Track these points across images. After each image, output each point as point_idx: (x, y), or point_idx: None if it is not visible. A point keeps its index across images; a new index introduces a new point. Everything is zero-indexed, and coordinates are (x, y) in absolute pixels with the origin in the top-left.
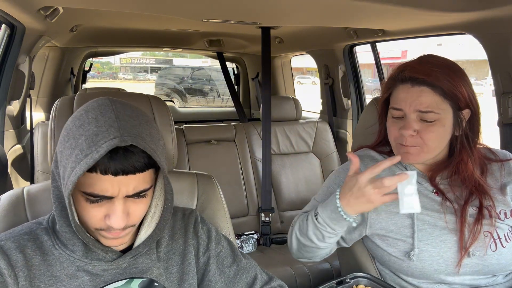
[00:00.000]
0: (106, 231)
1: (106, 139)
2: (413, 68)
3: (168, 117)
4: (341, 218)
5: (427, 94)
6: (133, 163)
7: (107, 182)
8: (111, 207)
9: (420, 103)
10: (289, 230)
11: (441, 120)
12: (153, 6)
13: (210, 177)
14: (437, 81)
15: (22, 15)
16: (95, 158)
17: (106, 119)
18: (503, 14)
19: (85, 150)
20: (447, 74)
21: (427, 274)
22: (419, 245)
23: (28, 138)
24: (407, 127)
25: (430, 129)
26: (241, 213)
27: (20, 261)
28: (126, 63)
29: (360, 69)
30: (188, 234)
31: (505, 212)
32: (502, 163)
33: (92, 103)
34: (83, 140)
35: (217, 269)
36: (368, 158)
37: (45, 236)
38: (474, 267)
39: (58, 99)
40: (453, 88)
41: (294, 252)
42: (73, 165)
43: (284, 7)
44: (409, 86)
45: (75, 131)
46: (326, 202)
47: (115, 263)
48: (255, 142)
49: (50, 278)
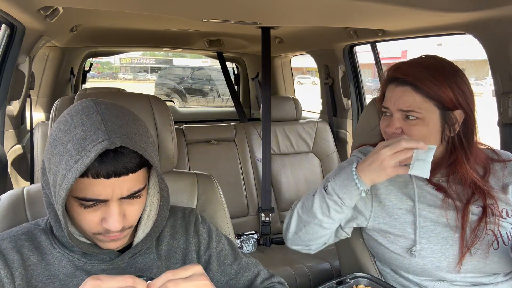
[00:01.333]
0: (103, 235)
1: (94, 142)
2: (398, 69)
3: (168, 117)
4: (352, 184)
5: (409, 94)
6: (125, 164)
7: (100, 186)
8: (106, 211)
9: (403, 102)
10: (287, 214)
11: (424, 120)
12: (153, 6)
13: (210, 177)
14: (418, 82)
15: (22, 15)
16: (86, 163)
17: (92, 122)
18: (503, 14)
19: (75, 156)
20: (431, 75)
21: (428, 271)
22: (421, 241)
23: (28, 138)
24: (390, 125)
25: (413, 128)
26: (241, 213)
27: (16, 261)
28: (126, 63)
29: (360, 69)
30: (189, 233)
31: (507, 210)
32: (505, 164)
33: (76, 106)
34: (71, 146)
35: (218, 267)
36: None
37: (43, 236)
38: (475, 265)
39: (58, 99)
40: (437, 89)
41: (290, 236)
42: (64, 172)
43: (284, 7)
44: (394, 86)
45: (62, 137)
46: (340, 174)
47: (113, 263)
48: (255, 142)
49: (48, 277)
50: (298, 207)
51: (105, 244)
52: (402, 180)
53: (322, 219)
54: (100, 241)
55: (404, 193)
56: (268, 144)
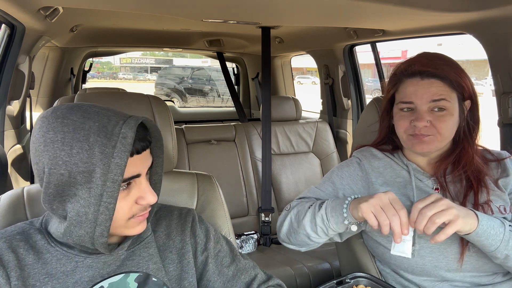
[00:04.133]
0: (134, 218)
1: (119, 124)
2: (421, 63)
3: (168, 117)
4: (340, 212)
5: (438, 84)
6: (146, 137)
7: (138, 161)
8: (139, 188)
9: (432, 93)
10: (282, 213)
11: (450, 109)
12: (153, 6)
13: (210, 177)
14: (445, 73)
15: (22, 15)
16: (129, 142)
17: (95, 111)
18: (503, 14)
19: (107, 143)
20: (452, 67)
21: (427, 271)
22: (420, 241)
23: (28, 138)
24: (420, 119)
25: (442, 119)
26: (241, 213)
27: (12, 261)
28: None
29: (360, 69)
30: (186, 233)
31: (504, 207)
32: (498, 162)
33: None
34: (96, 137)
35: (215, 268)
36: (370, 155)
37: (38, 235)
38: (474, 264)
39: (58, 99)
40: (460, 79)
41: (281, 235)
42: (106, 160)
43: (284, 7)
44: (419, 79)
45: (72, 136)
46: (338, 198)
47: (113, 254)
48: (255, 142)
49: (46, 276)
50: (292, 214)
51: (136, 229)
52: (401, 180)
53: (310, 233)
54: (130, 228)
55: (403, 194)
56: (268, 144)
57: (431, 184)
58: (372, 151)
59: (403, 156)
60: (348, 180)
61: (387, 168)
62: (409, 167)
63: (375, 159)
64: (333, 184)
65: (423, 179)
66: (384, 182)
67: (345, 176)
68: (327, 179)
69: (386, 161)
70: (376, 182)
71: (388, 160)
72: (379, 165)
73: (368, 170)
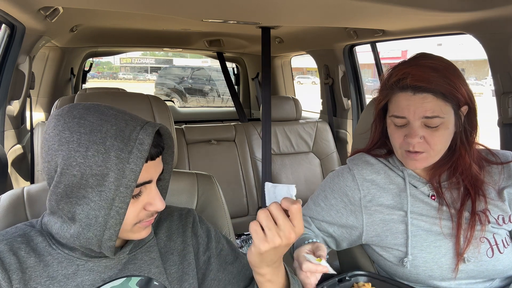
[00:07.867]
0: (140, 223)
1: (137, 129)
2: (413, 76)
3: (168, 117)
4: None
5: (430, 100)
6: (159, 143)
7: (151, 168)
8: (149, 194)
9: (425, 110)
10: None
11: (445, 123)
12: (153, 6)
13: (210, 177)
14: (438, 87)
15: (22, 15)
16: (146, 149)
17: (113, 114)
18: (503, 14)
19: (124, 148)
20: (446, 77)
21: (421, 280)
22: (413, 251)
23: (28, 138)
24: (412, 135)
25: (435, 134)
26: (241, 213)
27: (13, 264)
28: (126, 63)
29: (360, 69)
30: (187, 234)
31: (503, 217)
32: (502, 166)
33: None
34: (112, 141)
35: (219, 267)
36: (363, 163)
37: (39, 237)
38: (469, 273)
39: (58, 99)
40: (454, 90)
41: None
42: (121, 166)
43: (284, 7)
44: (411, 94)
45: (89, 138)
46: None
47: (115, 257)
48: (255, 142)
49: (47, 279)
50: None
51: (141, 233)
52: (395, 188)
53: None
54: (136, 233)
55: (397, 202)
56: (268, 144)
57: (427, 191)
58: (365, 158)
59: (398, 162)
60: (339, 192)
61: (381, 174)
62: (404, 173)
63: (367, 165)
64: (326, 198)
65: (419, 185)
66: (377, 192)
67: (336, 188)
68: (321, 191)
69: (379, 167)
70: (364, 198)
71: (382, 166)
72: (372, 172)
73: (359, 181)
